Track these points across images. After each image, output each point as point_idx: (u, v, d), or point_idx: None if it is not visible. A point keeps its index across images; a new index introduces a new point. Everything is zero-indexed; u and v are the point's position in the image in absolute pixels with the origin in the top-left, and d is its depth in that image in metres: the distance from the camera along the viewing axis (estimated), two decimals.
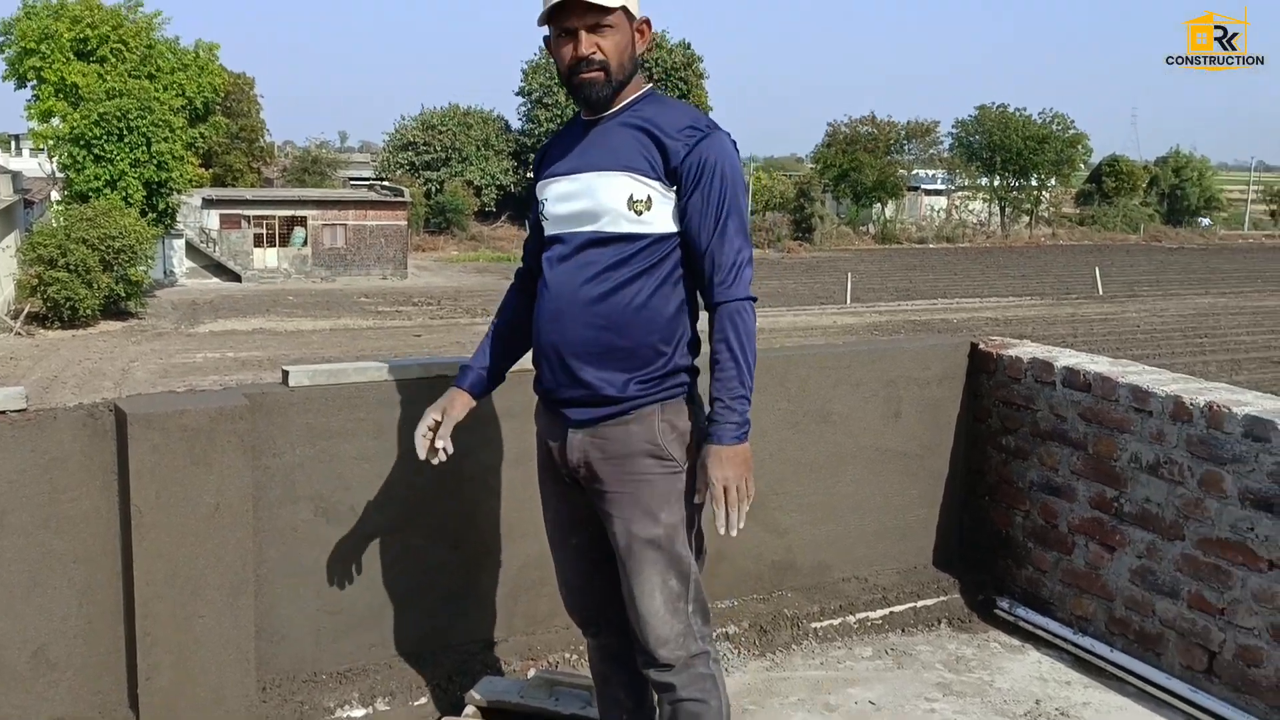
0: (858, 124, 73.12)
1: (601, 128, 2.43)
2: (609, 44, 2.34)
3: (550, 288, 2.44)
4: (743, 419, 2.31)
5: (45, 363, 29.31)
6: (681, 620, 2.40)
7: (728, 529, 2.31)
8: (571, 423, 2.44)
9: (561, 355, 2.41)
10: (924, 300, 44.75)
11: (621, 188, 2.35)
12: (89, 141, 38.27)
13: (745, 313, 2.35)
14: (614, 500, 2.41)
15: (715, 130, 2.38)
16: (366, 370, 3.13)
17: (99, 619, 2.84)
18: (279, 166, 66.74)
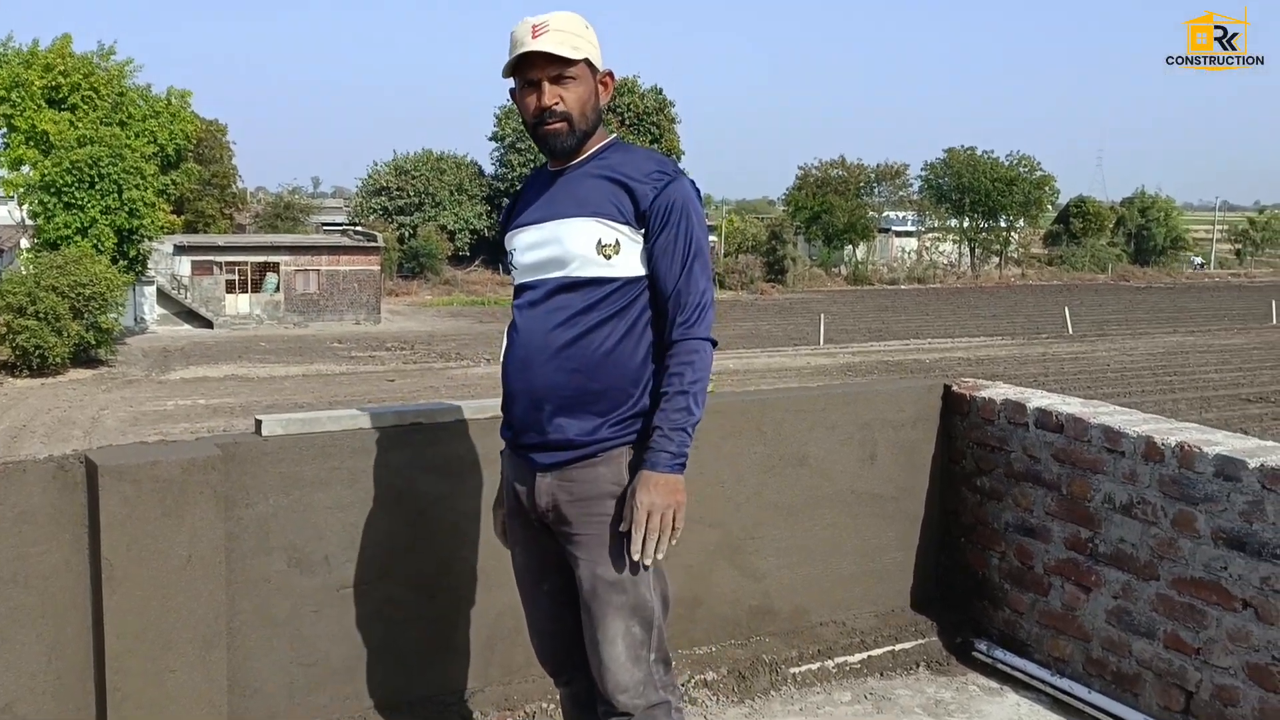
0: (828, 167, 73.86)
1: (568, 177, 2.47)
2: (572, 95, 2.40)
3: (520, 334, 2.47)
4: (679, 450, 2.33)
5: (13, 411, 29.00)
6: (643, 669, 2.41)
7: (641, 555, 2.32)
8: (539, 466, 2.46)
9: (531, 401, 2.43)
10: (897, 341, 45.02)
11: (590, 233, 2.38)
12: (60, 189, 38.11)
13: (702, 353, 2.38)
14: (579, 542, 2.43)
15: (680, 175, 2.44)
16: (340, 419, 3.12)
17: (68, 674, 2.80)
18: (251, 213, 66.59)
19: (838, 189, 71.99)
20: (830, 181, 72.61)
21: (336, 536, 3.09)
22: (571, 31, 2.39)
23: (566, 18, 2.41)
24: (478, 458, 3.24)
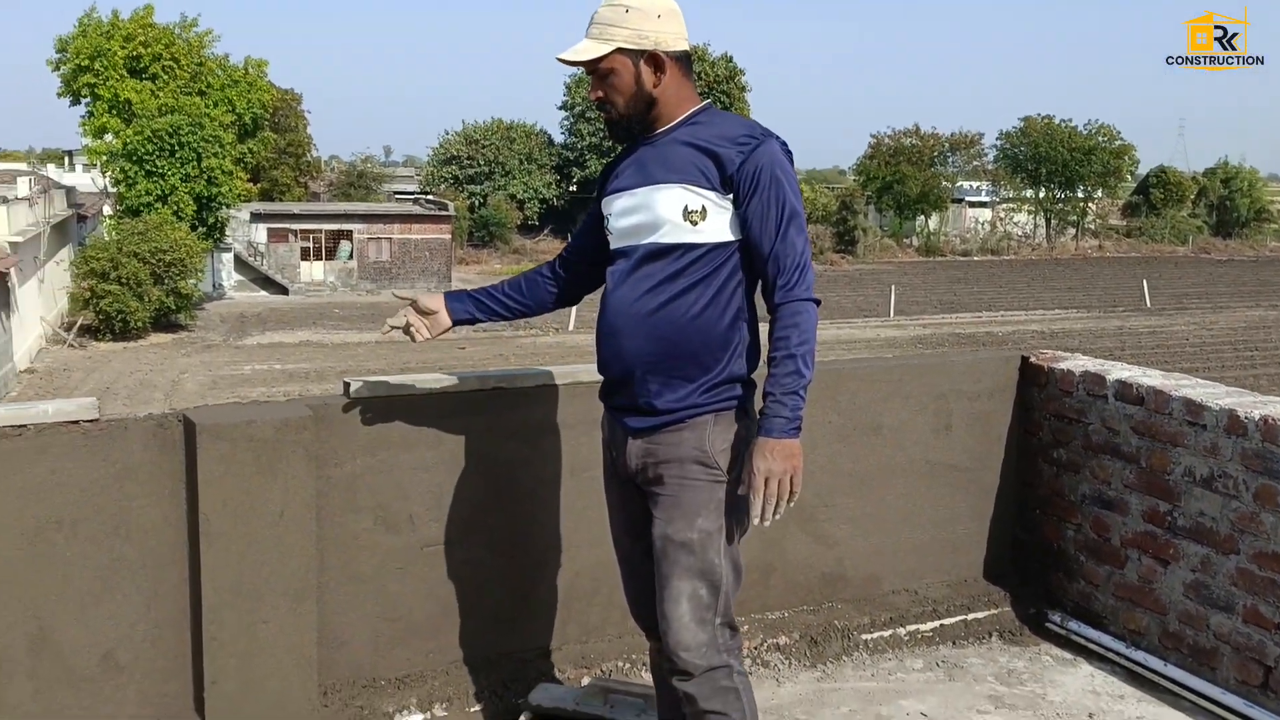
0: (901, 136, 72.88)
1: (658, 144, 2.50)
2: (611, 88, 2.47)
3: (610, 301, 2.52)
4: (793, 415, 2.34)
5: (97, 374, 29.83)
6: (707, 631, 2.43)
7: (761, 519, 2.36)
8: (630, 430, 2.52)
9: (622, 367, 2.49)
10: (969, 313, 44.47)
11: (676, 199, 2.41)
12: (141, 157, 38.94)
13: (806, 313, 2.39)
14: (658, 501, 2.49)
15: (769, 138, 2.44)
16: (425, 382, 3.19)
17: (166, 624, 2.92)
18: (325, 181, 67.52)
19: (910, 158, 71.05)
20: (903, 150, 71.67)
21: (421, 496, 3.18)
22: (605, 23, 2.44)
23: (609, 7, 2.44)
24: (556, 423, 3.31)
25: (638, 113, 2.48)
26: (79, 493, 2.78)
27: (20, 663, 2.78)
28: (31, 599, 2.77)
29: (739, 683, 2.46)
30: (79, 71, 40.36)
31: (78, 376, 29.26)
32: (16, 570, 2.74)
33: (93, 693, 2.87)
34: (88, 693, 2.87)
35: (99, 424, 2.80)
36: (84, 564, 2.81)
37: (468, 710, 3.17)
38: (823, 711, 3.35)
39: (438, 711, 3.14)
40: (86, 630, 2.84)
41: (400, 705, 3.13)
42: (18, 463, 2.70)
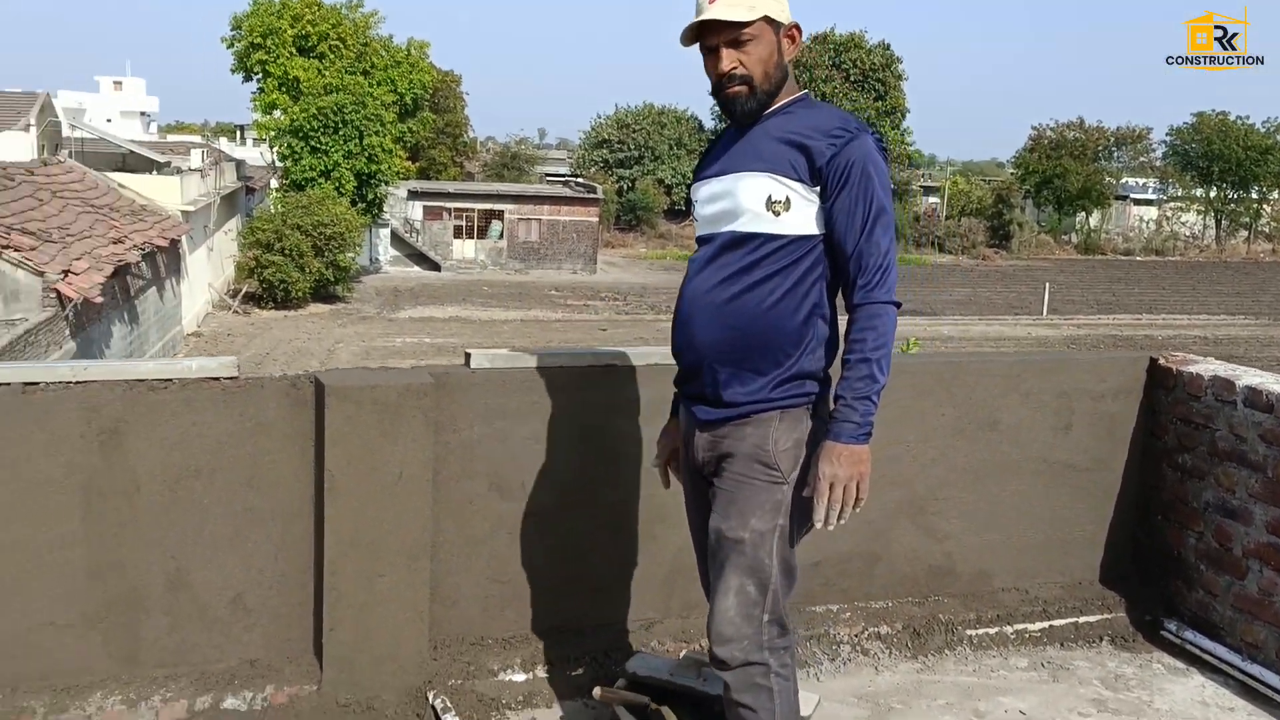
0: (1064, 128, 70.43)
1: (751, 132, 2.46)
2: (751, 57, 2.38)
3: (686, 289, 2.51)
4: (863, 420, 2.30)
5: (258, 340, 31.21)
6: (753, 626, 2.41)
7: (825, 523, 2.33)
8: (699, 422, 2.52)
9: (692, 355, 2.49)
10: (1127, 315, 42.82)
11: (761, 188, 2.38)
12: (306, 133, 40.50)
13: (885, 316, 2.33)
14: (716, 495, 2.49)
15: (862, 133, 2.38)
16: (542, 357, 3.31)
17: (291, 572, 3.12)
18: (480, 161, 69.01)
19: (1073, 152, 68.64)
20: (1065, 144, 69.29)
21: (533, 466, 3.30)
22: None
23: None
24: (667, 402, 3.38)
25: (772, 88, 2.42)
26: (216, 444, 2.98)
27: (158, 600, 3.01)
28: (170, 542, 2.99)
29: (775, 683, 2.43)
30: (251, 49, 42.16)
31: (240, 341, 30.67)
32: (158, 514, 2.96)
33: (222, 632, 3.09)
34: (218, 631, 3.08)
35: (238, 381, 3.01)
36: (219, 512, 3.02)
37: (568, 674, 3.28)
38: (919, 702, 3.35)
39: (539, 673, 3.26)
40: (219, 573, 3.05)
41: (505, 664, 3.26)
42: (163, 414, 2.92)
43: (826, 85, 60.84)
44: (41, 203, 20.19)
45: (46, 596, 2.91)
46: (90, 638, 2.97)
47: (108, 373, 2.89)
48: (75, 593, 2.93)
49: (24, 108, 30.37)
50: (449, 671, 3.21)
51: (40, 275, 16.55)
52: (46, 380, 2.84)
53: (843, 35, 63.42)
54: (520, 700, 3.21)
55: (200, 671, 3.06)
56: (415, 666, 3.15)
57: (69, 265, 17.52)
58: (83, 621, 2.96)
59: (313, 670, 3.11)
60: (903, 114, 64.85)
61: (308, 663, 3.15)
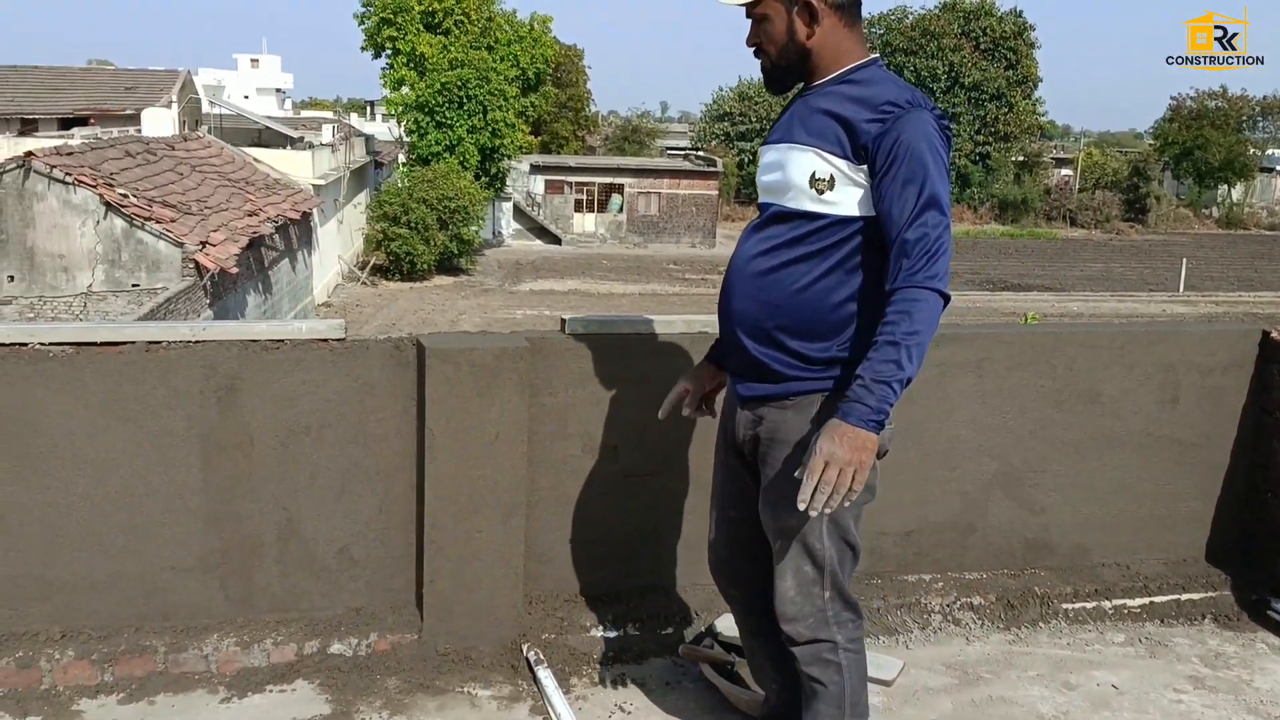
0: (1205, 98, 67.42)
1: (808, 98, 2.39)
2: (766, 36, 2.38)
3: (734, 257, 2.48)
4: (878, 405, 2.14)
5: (385, 310, 32.06)
6: (813, 603, 2.40)
7: (808, 505, 2.16)
8: (740, 399, 2.50)
9: (728, 325, 2.46)
10: (1270, 292, 40.97)
11: (806, 164, 2.31)
12: (432, 109, 41.24)
13: (924, 302, 2.17)
14: (763, 480, 2.48)
15: (916, 108, 2.25)
16: (635, 323, 3.39)
17: (394, 526, 3.26)
18: (601, 135, 69.37)
19: (1215, 122, 65.71)
20: (1207, 114, 66.36)
21: (625, 429, 3.38)
22: None
23: None
24: None
25: (790, 64, 2.38)
26: (325, 402, 3.14)
27: (270, 548, 3.19)
28: (282, 494, 3.16)
29: (843, 658, 2.43)
30: (381, 25, 43.00)
31: (368, 311, 31.55)
32: (270, 467, 3.14)
33: (330, 580, 3.25)
34: (326, 580, 3.25)
35: (345, 343, 3.15)
36: (327, 466, 3.18)
37: (658, 631, 3.37)
38: (1008, 673, 3.34)
39: (630, 630, 3.35)
40: (327, 525, 3.22)
41: (597, 620, 3.36)
42: (275, 372, 3.09)
43: (955, 54, 59.44)
44: (181, 176, 21.08)
45: (168, 542, 3.11)
46: (208, 582, 3.17)
47: (224, 333, 3.07)
48: (194, 539, 3.13)
49: (166, 85, 31.64)
50: (543, 625, 3.32)
51: (180, 246, 17.31)
52: (168, 339, 3.02)
53: (973, 2, 61.82)
54: (611, 656, 3.30)
55: (309, 618, 3.24)
56: (510, 619, 3.27)
57: (207, 237, 18.28)
58: (201, 566, 3.15)
59: (414, 620, 3.26)
60: (1035, 83, 62.91)
61: (409, 612, 3.30)
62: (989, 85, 60.03)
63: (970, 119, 60.58)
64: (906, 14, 62.56)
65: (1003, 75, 60.30)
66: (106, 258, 17.34)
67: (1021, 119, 61.73)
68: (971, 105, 60.51)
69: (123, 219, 17.19)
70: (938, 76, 59.57)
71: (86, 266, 17.31)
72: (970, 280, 40.28)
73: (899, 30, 61.55)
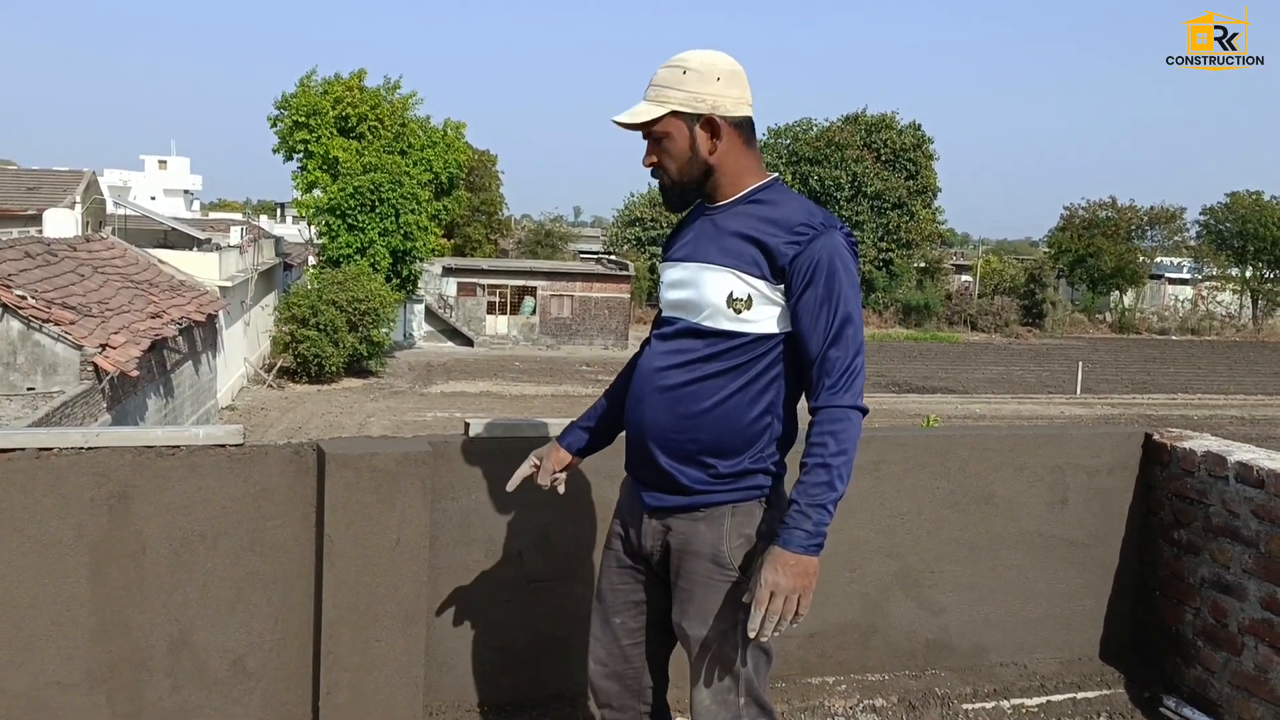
0: (1096, 208, 70.49)
1: (717, 217, 2.40)
2: (666, 154, 2.38)
3: (640, 368, 2.47)
4: (816, 529, 2.19)
5: (292, 414, 31.52)
6: (729, 711, 2.39)
7: (758, 634, 2.21)
8: (647, 508, 2.46)
9: (640, 437, 2.43)
10: (1163, 394, 42.41)
11: (723, 284, 2.31)
12: (344, 212, 41.22)
13: (848, 421, 2.23)
14: (674, 591, 2.45)
15: (829, 229, 2.29)
16: (539, 427, 3.40)
17: (290, 636, 3.19)
18: (514, 238, 69.88)
19: (1106, 231, 68.63)
20: (1098, 223, 69.31)
21: (529, 534, 3.38)
22: (661, 84, 2.35)
23: (667, 68, 2.35)
24: None
25: (693, 180, 2.39)
26: (221, 509, 3.09)
27: (161, 661, 3.09)
28: (174, 604, 3.08)
29: None
30: (295, 128, 43.10)
31: (274, 415, 30.99)
32: (163, 577, 3.06)
33: (223, 694, 3.16)
34: (219, 694, 3.16)
35: (243, 448, 3.11)
36: (222, 575, 3.11)
37: None
38: None
39: None
40: (221, 636, 3.13)
41: None
42: (170, 479, 3.03)
43: (858, 165, 61.44)
44: (83, 278, 20.66)
45: (54, 655, 3.00)
46: (95, 697, 3.05)
47: (118, 439, 3.01)
48: (81, 652, 3.02)
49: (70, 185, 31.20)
50: None
51: (79, 349, 16.89)
52: (60, 446, 2.96)
53: (874, 116, 64.17)
54: None
55: None
56: None
57: (107, 339, 17.87)
58: (88, 681, 3.04)
59: None
60: (934, 193, 65.24)
61: None
62: (891, 194, 62.08)
63: (873, 226, 62.44)
64: (811, 125, 64.73)
65: (904, 185, 62.44)
66: (1, 360, 16.84)
67: (922, 227, 63.82)
68: (874, 213, 62.43)
69: (19, 321, 16.75)
70: (841, 186, 61.48)
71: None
72: (877, 383, 41.04)
73: (804, 140, 63.58)
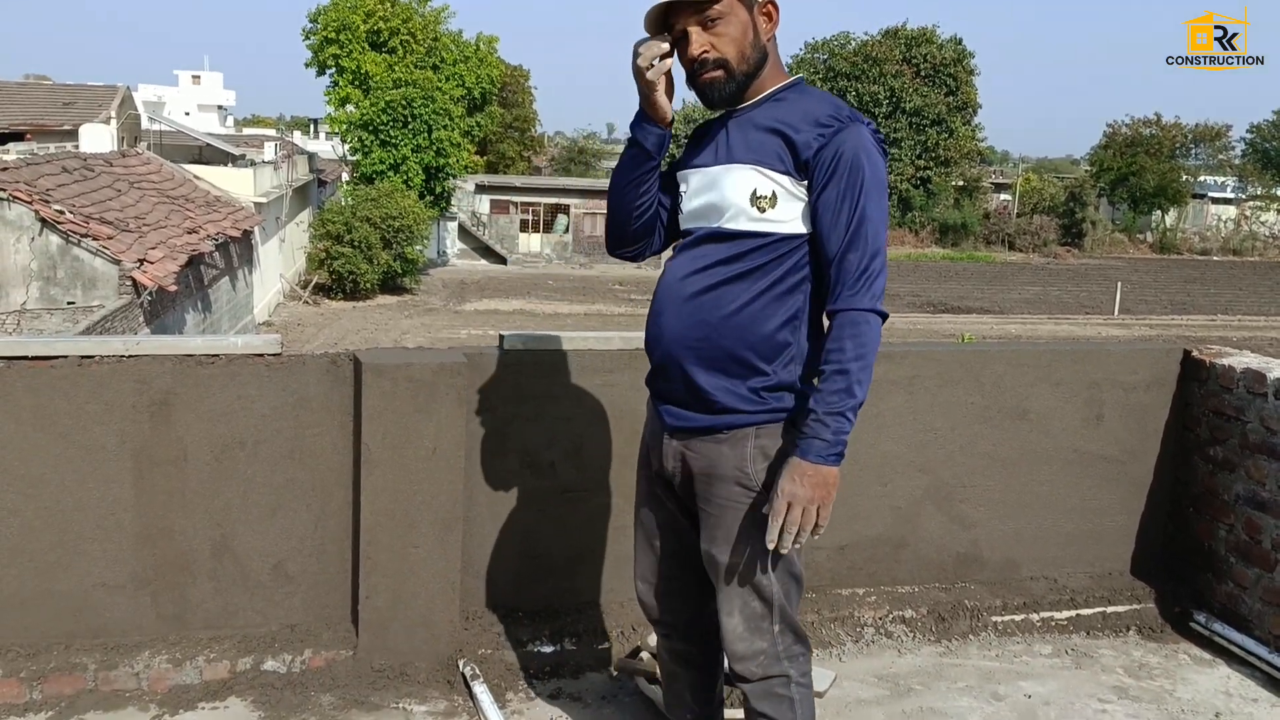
0: (1139, 125, 68.95)
1: (738, 120, 2.30)
2: (724, 39, 2.22)
3: (662, 277, 2.36)
4: (835, 438, 2.12)
5: (328, 330, 31.75)
6: (764, 639, 2.33)
7: (778, 545, 2.18)
8: (668, 428, 2.38)
9: (660, 349, 2.34)
10: (1202, 315, 41.88)
11: (746, 182, 2.22)
12: (376, 127, 41.03)
13: (866, 324, 2.15)
14: (700, 517, 2.39)
15: (855, 123, 2.20)
16: (574, 340, 3.42)
17: (330, 541, 3.26)
18: (548, 156, 69.44)
19: (1149, 149, 67.20)
20: (1141, 141, 67.83)
21: (563, 445, 3.41)
22: None
23: None
24: None
25: (753, 68, 2.25)
26: (260, 418, 3.13)
27: (204, 565, 3.17)
28: (216, 510, 3.15)
29: (795, 692, 2.37)
30: (326, 43, 42.74)
31: (310, 330, 31.23)
32: (204, 483, 3.12)
33: (265, 597, 3.24)
34: (260, 596, 3.24)
35: (281, 358, 3.15)
36: (262, 482, 3.17)
37: (595, 647, 3.38)
38: (938, 684, 3.40)
39: (567, 645, 3.37)
40: (262, 541, 3.21)
41: (534, 636, 3.37)
42: (210, 387, 3.08)
43: (896, 80, 60.31)
44: (119, 193, 20.77)
45: (100, 558, 3.08)
46: (140, 599, 3.14)
47: (158, 347, 3.05)
48: (126, 556, 3.10)
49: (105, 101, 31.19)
50: (479, 641, 3.33)
51: (117, 263, 17.05)
52: (101, 353, 3.00)
53: (914, 30, 62.78)
54: (547, 671, 3.32)
55: (243, 634, 3.22)
56: (447, 635, 3.27)
57: (145, 254, 18.02)
58: (133, 583, 3.13)
59: (349, 636, 3.25)
60: (974, 109, 63.97)
61: (344, 629, 3.29)
62: (930, 111, 60.96)
63: (911, 144, 61.44)
64: (849, 39, 63.39)
65: (943, 101, 61.25)
66: (41, 275, 17.03)
67: (961, 144, 62.71)
68: (913, 130, 61.39)
69: (58, 235, 16.90)
70: (880, 101, 60.37)
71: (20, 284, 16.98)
72: (911, 302, 40.78)
73: (842, 56, 62.33)
